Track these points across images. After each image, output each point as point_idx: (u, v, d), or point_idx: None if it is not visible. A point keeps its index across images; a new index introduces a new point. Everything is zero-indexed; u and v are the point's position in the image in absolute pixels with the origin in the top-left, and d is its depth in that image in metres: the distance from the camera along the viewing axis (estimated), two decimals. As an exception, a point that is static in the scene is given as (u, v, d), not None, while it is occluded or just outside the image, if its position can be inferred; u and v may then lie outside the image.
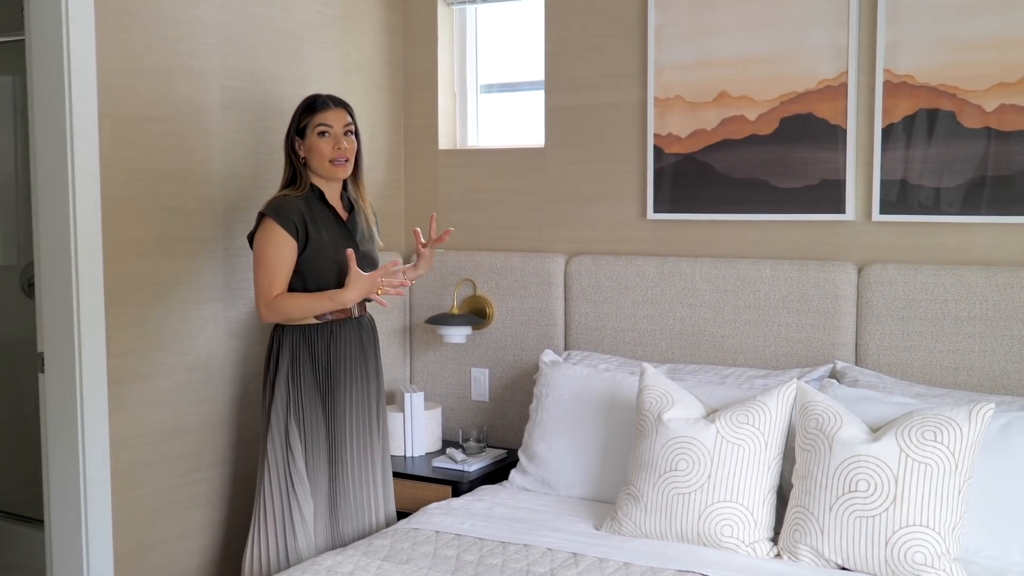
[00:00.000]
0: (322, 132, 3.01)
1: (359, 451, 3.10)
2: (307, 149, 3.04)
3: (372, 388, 3.15)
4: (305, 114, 3.05)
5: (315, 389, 3.03)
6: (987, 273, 3.00)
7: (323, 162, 3.02)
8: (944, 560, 2.44)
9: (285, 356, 3.02)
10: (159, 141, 3.14)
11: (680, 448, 2.78)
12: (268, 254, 2.96)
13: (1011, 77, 2.98)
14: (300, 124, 3.04)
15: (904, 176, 3.14)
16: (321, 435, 3.04)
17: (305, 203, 3.02)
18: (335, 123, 3.03)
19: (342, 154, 3.02)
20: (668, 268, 3.48)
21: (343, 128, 3.04)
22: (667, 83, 3.50)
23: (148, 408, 3.15)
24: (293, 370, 3.01)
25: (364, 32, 3.92)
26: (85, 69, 2.89)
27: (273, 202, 3.01)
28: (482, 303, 3.83)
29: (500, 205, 3.89)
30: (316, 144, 3.01)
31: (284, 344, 3.03)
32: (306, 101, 3.09)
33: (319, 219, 3.02)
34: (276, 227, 2.94)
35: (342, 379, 3.06)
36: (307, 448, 3.01)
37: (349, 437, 3.07)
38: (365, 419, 3.12)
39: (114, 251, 3.01)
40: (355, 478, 3.09)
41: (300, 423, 3.01)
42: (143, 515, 3.15)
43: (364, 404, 3.12)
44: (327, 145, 3.01)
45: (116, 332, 3.03)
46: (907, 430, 2.54)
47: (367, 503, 3.13)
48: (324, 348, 3.04)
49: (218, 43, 3.31)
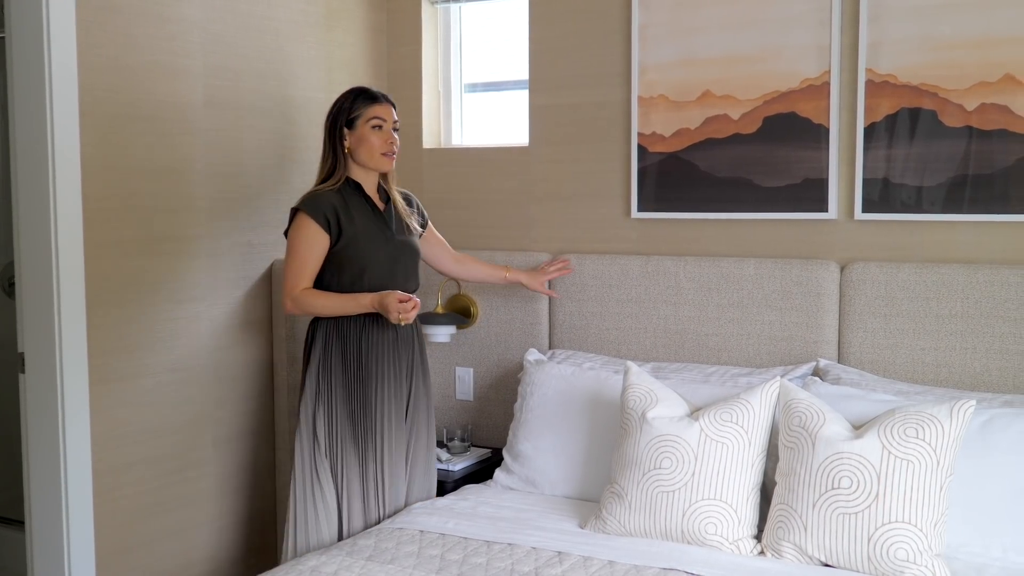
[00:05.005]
0: (376, 125, 3.06)
1: (388, 447, 3.10)
2: (356, 140, 3.07)
3: (404, 386, 3.15)
4: (358, 106, 3.07)
5: (344, 382, 3.06)
6: (968, 271, 3.01)
7: (373, 154, 3.06)
8: (926, 556, 2.45)
9: (317, 347, 3.07)
10: (141, 139, 3.13)
11: (664, 446, 2.78)
12: (298, 248, 3.00)
13: (992, 76, 2.99)
14: (351, 115, 3.06)
15: (886, 175, 3.15)
16: (348, 427, 3.05)
17: (340, 196, 3.05)
18: (387, 117, 3.09)
19: (393, 148, 3.09)
20: (652, 267, 3.48)
21: (393, 124, 3.10)
22: (651, 82, 3.50)
23: (130, 408, 3.14)
24: (324, 362, 3.05)
25: (348, 31, 3.91)
26: (66, 67, 2.88)
27: (307, 197, 3.05)
28: (466, 302, 3.83)
29: (484, 204, 3.88)
30: (368, 136, 3.05)
31: (317, 336, 3.08)
32: (356, 92, 3.10)
33: (354, 211, 3.05)
34: (309, 221, 2.99)
35: (373, 374, 3.07)
36: (332, 439, 3.04)
37: (379, 431, 3.08)
38: (394, 418, 3.12)
39: (95, 250, 3.00)
40: (388, 472, 3.10)
41: (327, 415, 3.04)
42: (125, 516, 3.14)
43: (395, 402, 3.12)
44: (379, 138, 3.06)
45: (97, 332, 3.02)
46: (889, 427, 2.55)
47: (395, 499, 3.14)
48: (356, 341, 3.06)
49: (201, 41, 3.30)
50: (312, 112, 3.74)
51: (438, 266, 3.45)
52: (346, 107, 3.07)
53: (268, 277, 3.61)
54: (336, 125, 3.07)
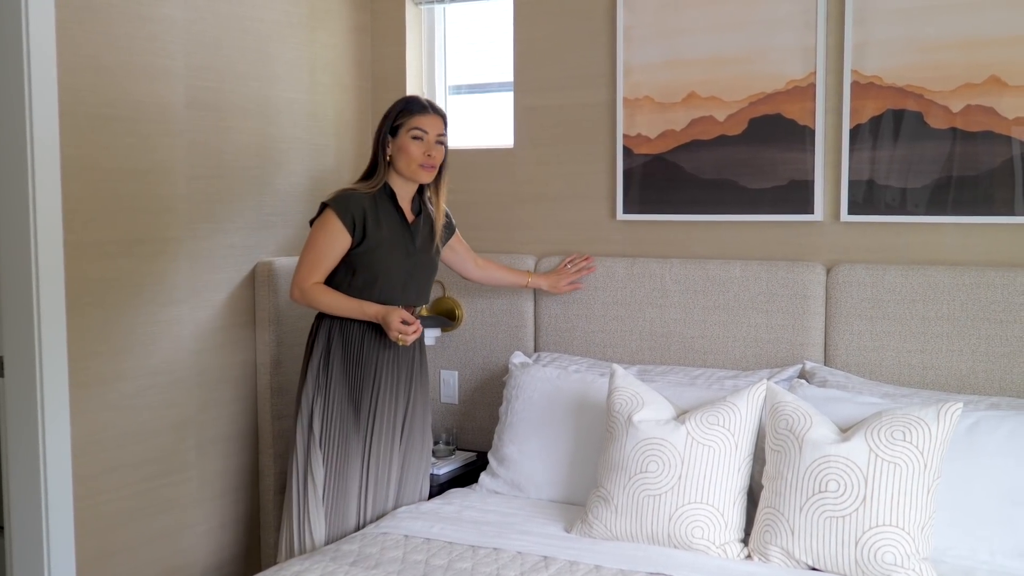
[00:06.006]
0: (416, 136, 3.04)
1: (380, 448, 3.10)
2: (396, 148, 3.06)
3: (402, 393, 3.15)
4: (403, 114, 3.07)
5: (343, 380, 3.07)
6: (954, 273, 3.01)
7: (411, 164, 3.05)
8: (914, 560, 2.44)
9: (320, 344, 3.08)
10: (122, 140, 3.09)
11: (650, 450, 2.76)
12: (319, 242, 3.01)
13: (977, 78, 2.99)
14: (395, 123, 3.06)
15: (872, 176, 3.14)
16: (343, 424, 3.05)
17: (372, 200, 3.05)
18: (431, 129, 3.06)
19: (431, 161, 3.06)
20: (638, 269, 3.47)
21: (436, 136, 3.07)
22: (636, 83, 3.49)
23: (112, 412, 3.10)
24: (325, 358, 3.07)
25: (331, 32, 3.88)
26: (45, 67, 2.84)
27: (339, 194, 3.06)
28: (451, 305, 3.81)
29: (469, 206, 3.86)
30: (407, 145, 3.04)
31: (320, 333, 3.09)
32: (405, 101, 3.11)
33: (383, 218, 3.05)
34: (335, 218, 3.00)
35: (373, 375, 3.08)
36: (327, 433, 3.04)
37: (369, 433, 3.08)
38: (390, 421, 3.12)
39: (76, 252, 2.96)
40: (378, 473, 3.11)
41: (324, 409, 3.05)
42: (107, 521, 3.10)
43: (391, 407, 3.12)
44: (418, 149, 3.04)
45: (78, 335, 2.98)
46: (876, 430, 2.54)
47: (382, 504, 3.14)
48: (359, 343, 3.07)
49: (183, 41, 3.27)
50: (295, 113, 3.72)
51: (462, 272, 3.46)
52: (392, 114, 3.09)
53: (251, 279, 3.57)
54: (381, 131, 3.09)
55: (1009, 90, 2.95)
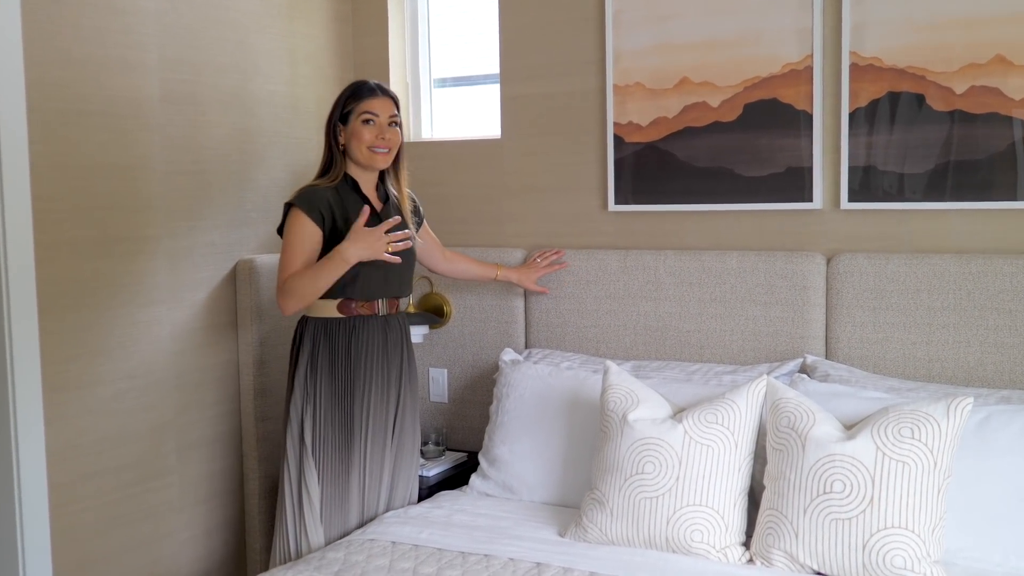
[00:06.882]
0: (367, 120, 2.96)
1: (372, 453, 3.02)
2: (348, 135, 2.98)
3: (392, 392, 3.06)
4: (351, 100, 2.98)
5: (332, 385, 2.98)
6: (960, 261, 2.91)
7: (362, 148, 2.96)
8: (925, 563, 2.34)
9: (305, 350, 2.99)
10: (94, 136, 2.99)
11: (646, 450, 2.66)
12: (291, 242, 2.92)
13: (982, 57, 2.88)
14: (344, 109, 2.98)
15: (872, 162, 3.04)
16: (336, 431, 2.97)
17: (335, 193, 2.97)
18: (381, 112, 2.97)
19: (384, 144, 2.98)
20: (631, 261, 3.37)
21: (388, 118, 2.99)
22: (626, 70, 3.38)
23: (88, 417, 3.01)
24: (312, 364, 2.97)
25: (312, 22, 3.78)
26: (11, 61, 2.76)
27: (301, 192, 2.96)
28: (439, 301, 3.71)
29: (456, 199, 3.76)
30: (358, 130, 2.96)
31: (305, 338, 3.00)
32: (352, 87, 3.02)
33: (351, 208, 2.96)
34: (302, 216, 2.91)
35: (362, 377, 2.98)
36: (319, 443, 2.96)
37: (363, 437, 3.00)
38: (381, 423, 3.04)
39: (47, 252, 2.87)
40: (372, 478, 3.03)
41: (314, 418, 2.96)
42: (85, 529, 3.01)
43: (382, 407, 3.04)
44: (370, 133, 2.96)
45: (51, 338, 2.89)
46: (883, 427, 2.44)
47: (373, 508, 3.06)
48: (345, 344, 2.98)
49: (155, 33, 3.16)
50: (275, 106, 3.61)
51: (429, 264, 3.37)
52: (341, 101, 3.00)
53: (232, 278, 3.47)
54: (332, 120, 3.00)
55: (1015, 69, 2.84)
